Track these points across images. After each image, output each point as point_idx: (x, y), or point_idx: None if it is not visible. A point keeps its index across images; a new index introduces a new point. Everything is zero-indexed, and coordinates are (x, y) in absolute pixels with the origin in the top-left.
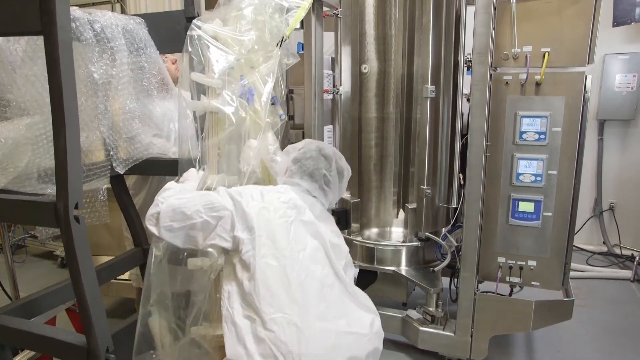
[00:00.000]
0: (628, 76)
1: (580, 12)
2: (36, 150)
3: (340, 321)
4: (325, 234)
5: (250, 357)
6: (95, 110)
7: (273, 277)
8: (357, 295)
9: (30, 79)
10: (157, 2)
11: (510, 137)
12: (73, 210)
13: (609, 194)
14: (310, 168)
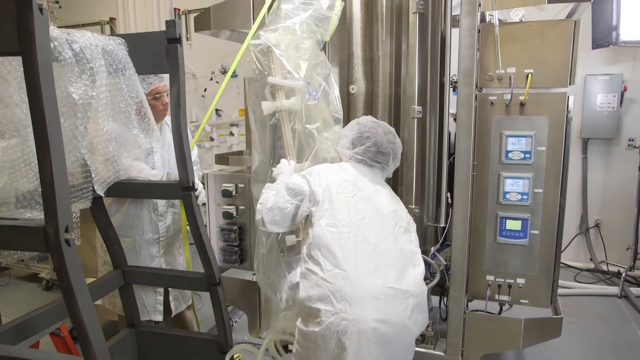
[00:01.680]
0: (609, 96)
1: (560, 35)
2: (13, 174)
3: (388, 278)
4: (384, 205)
5: (310, 298)
6: (75, 132)
7: (333, 241)
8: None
9: (4, 100)
10: (147, 24)
11: (496, 156)
12: (64, 233)
13: (595, 211)
14: (378, 141)
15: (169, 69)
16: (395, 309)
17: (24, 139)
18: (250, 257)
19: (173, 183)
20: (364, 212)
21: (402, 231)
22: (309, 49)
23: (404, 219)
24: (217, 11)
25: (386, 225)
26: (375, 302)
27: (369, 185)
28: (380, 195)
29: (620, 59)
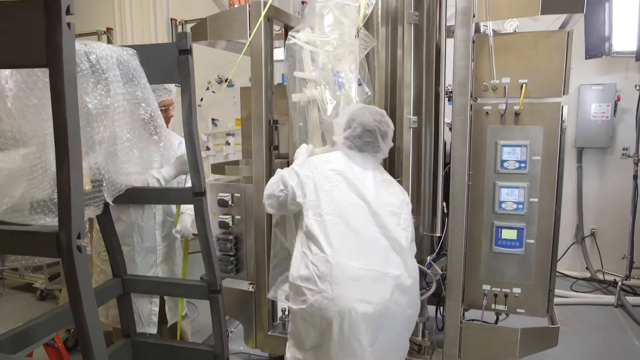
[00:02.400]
0: (602, 106)
1: (553, 46)
2: (31, 181)
3: (369, 261)
4: (369, 190)
5: (299, 277)
6: (90, 140)
7: (318, 229)
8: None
9: (28, 109)
10: (144, 33)
11: (491, 165)
12: (76, 240)
13: (590, 219)
14: (364, 122)
15: (180, 78)
16: (376, 290)
17: (43, 146)
18: (246, 267)
19: (185, 189)
20: (347, 200)
21: (387, 214)
22: (332, 43)
23: (391, 203)
24: (213, 22)
25: (368, 211)
26: (356, 283)
27: (358, 172)
28: (366, 181)
29: (614, 69)
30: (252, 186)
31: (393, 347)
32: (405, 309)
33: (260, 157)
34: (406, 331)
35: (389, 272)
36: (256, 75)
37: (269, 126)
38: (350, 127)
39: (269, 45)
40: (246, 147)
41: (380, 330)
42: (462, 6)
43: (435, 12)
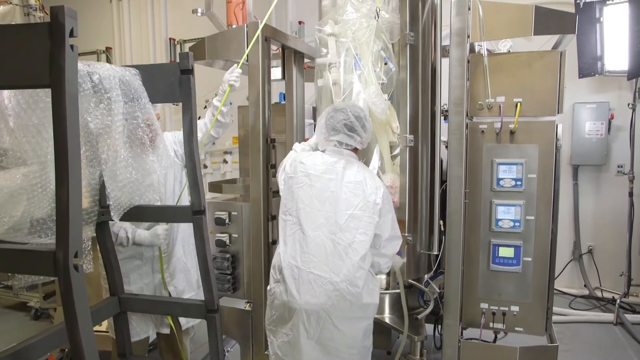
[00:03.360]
0: (596, 124)
1: (547, 65)
2: (31, 200)
3: (310, 264)
4: (332, 193)
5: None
6: (89, 158)
7: (281, 226)
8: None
9: (29, 129)
10: (142, 52)
11: (488, 183)
12: (73, 259)
13: (587, 237)
14: (332, 124)
15: (182, 98)
16: (311, 291)
17: (43, 165)
18: (243, 286)
19: (184, 207)
20: (305, 202)
21: (345, 219)
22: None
23: (354, 206)
24: (211, 42)
25: (323, 215)
26: (294, 281)
27: (327, 173)
28: (331, 183)
29: (607, 87)
30: (250, 204)
31: (337, 352)
32: (345, 314)
33: (257, 176)
34: (350, 340)
35: (329, 277)
36: (254, 94)
37: (267, 144)
38: (323, 128)
39: (266, 65)
40: (243, 165)
41: (321, 329)
42: (456, 27)
43: (431, 32)
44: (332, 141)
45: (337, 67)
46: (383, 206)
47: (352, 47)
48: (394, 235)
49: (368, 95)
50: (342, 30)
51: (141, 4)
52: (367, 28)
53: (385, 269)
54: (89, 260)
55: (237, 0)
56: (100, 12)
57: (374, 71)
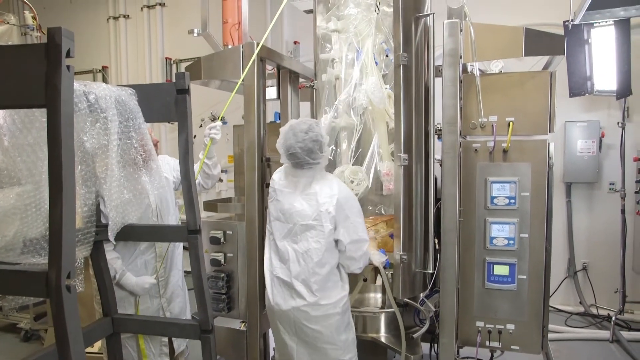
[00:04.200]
0: (588, 142)
1: (538, 85)
2: (24, 220)
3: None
4: (292, 206)
5: None
6: (84, 177)
7: (266, 238)
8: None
9: (24, 148)
10: (139, 71)
11: (482, 202)
12: (65, 279)
13: (581, 254)
14: (286, 145)
15: (178, 117)
16: (281, 293)
17: (38, 184)
18: (238, 305)
19: (180, 226)
20: (273, 215)
21: (301, 229)
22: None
23: (308, 216)
24: (207, 62)
25: (287, 226)
26: (270, 286)
27: (290, 187)
28: (293, 196)
29: (597, 106)
30: (245, 224)
31: (319, 348)
32: (309, 314)
33: (252, 195)
34: (325, 336)
35: (290, 281)
36: (249, 114)
37: (262, 163)
38: (282, 149)
39: (262, 85)
40: (239, 184)
41: (296, 329)
42: (449, 47)
43: (424, 52)
44: (292, 160)
45: (340, 62)
46: (337, 214)
47: (355, 41)
48: (357, 239)
49: (368, 86)
50: (344, 25)
51: (138, 23)
52: (368, 22)
53: (356, 270)
54: (80, 279)
55: (233, 21)
56: (97, 31)
57: (375, 63)
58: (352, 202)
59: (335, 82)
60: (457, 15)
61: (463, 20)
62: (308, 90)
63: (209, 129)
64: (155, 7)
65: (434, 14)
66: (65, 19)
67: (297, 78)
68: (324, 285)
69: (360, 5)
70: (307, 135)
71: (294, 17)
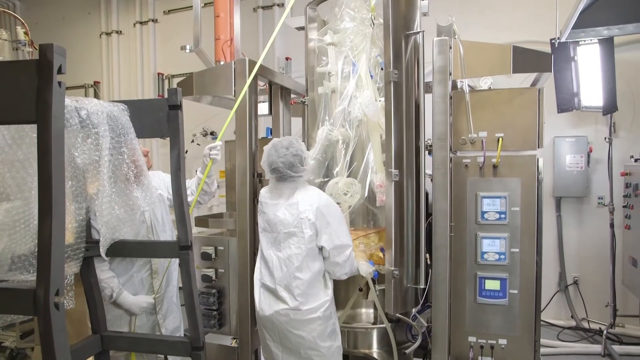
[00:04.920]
0: (576, 157)
1: (526, 102)
2: (13, 236)
3: (265, 277)
4: (276, 216)
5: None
6: (75, 193)
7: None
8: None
9: (14, 164)
10: (130, 86)
11: (472, 217)
12: (54, 297)
13: (572, 268)
14: (269, 161)
15: (170, 133)
16: (266, 299)
17: (27, 200)
18: (229, 322)
19: (171, 242)
20: (261, 226)
21: (284, 237)
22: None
23: (290, 224)
24: (199, 78)
25: (271, 235)
26: (257, 294)
27: (274, 199)
28: (277, 207)
29: (584, 122)
30: (236, 239)
31: (301, 354)
32: (292, 319)
33: (244, 210)
34: (308, 342)
35: (274, 287)
36: (241, 129)
37: (253, 179)
38: (265, 165)
39: (254, 101)
40: (230, 199)
41: (279, 334)
42: (438, 64)
43: (414, 69)
44: (275, 176)
45: (336, 75)
46: (318, 221)
47: (351, 54)
48: (339, 245)
49: (363, 99)
50: (340, 39)
51: (130, 39)
52: (364, 36)
53: (342, 276)
54: (70, 296)
55: (225, 38)
56: (89, 46)
57: (370, 76)
58: (333, 209)
59: (331, 95)
60: (446, 33)
61: (452, 38)
62: (299, 106)
63: (209, 149)
64: (147, 23)
65: (424, 31)
66: (58, 34)
67: (289, 94)
68: (306, 291)
69: (356, 19)
70: (287, 150)
71: (285, 33)
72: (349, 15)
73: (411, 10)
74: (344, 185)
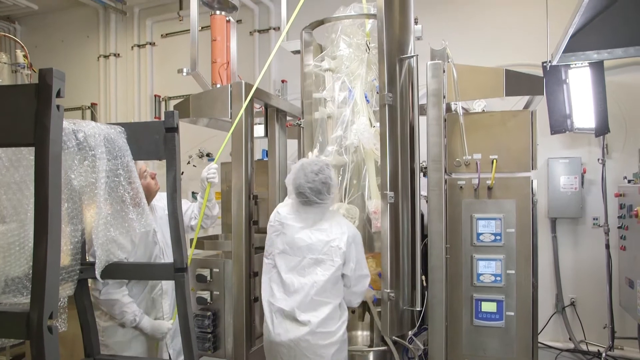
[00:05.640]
0: (570, 178)
1: (519, 124)
2: (7, 258)
3: (281, 302)
4: (301, 240)
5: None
6: (71, 215)
7: (264, 269)
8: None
9: (11, 186)
10: (127, 110)
11: (468, 238)
12: (47, 320)
13: (569, 289)
14: (296, 184)
15: (167, 155)
16: (282, 324)
17: (23, 223)
18: (224, 345)
19: (166, 264)
20: (279, 248)
21: (310, 262)
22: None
23: (318, 250)
24: (196, 101)
25: (294, 259)
26: (270, 317)
27: (298, 221)
28: (302, 231)
29: (577, 143)
30: (232, 261)
31: None
32: (310, 343)
33: (239, 232)
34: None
35: (294, 312)
36: (237, 151)
37: (249, 201)
38: (291, 186)
39: (250, 123)
40: (226, 220)
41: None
42: (432, 88)
43: (408, 92)
44: (303, 197)
45: (332, 101)
46: (348, 250)
47: (347, 80)
48: (362, 274)
49: (358, 126)
50: (337, 65)
51: (128, 61)
52: (360, 61)
53: (355, 304)
54: (63, 319)
55: (222, 61)
56: (87, 68)
57: (366, 102)
58: (359, 240)
59: (327, 121)
60: (439, 56)
61: (446, 61)
62: (295, 128)
63: (207, 172)
64: (145, 46)
65: (418, 55)
66: (56, 56)
67: (285, 116)
68: (325, 317)
69: (352, 45)
70: (317, 176)
71: (281, 56)
72: (345, 41)
73: (405, 34)
74: (345, 212)
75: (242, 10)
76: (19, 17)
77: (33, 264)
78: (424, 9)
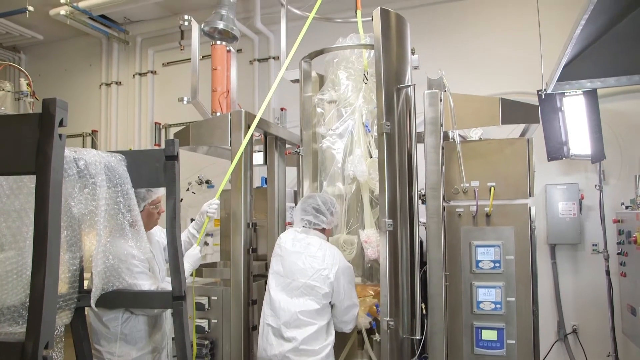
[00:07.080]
0: (568, 204)
1: (516, 152)
2: (4, 287)
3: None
4: (295, 264)
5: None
6: (70, 242)
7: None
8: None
9: (10, 214)
10: (127, 137)
11: (467, 266)
12: (43, 350)
13: (570, 316)
14: (304, 207)
15: (166, 183)
16: (269, 340)
17: (21, 250)
18: None
19: (164, 292)
20: (274, 269)
21: (299, 286)
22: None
23: (308, 276)
24: (196, 129)
25: (285, 280)
26: (262, 335)
27: (296, 247)
28: (298, 256)
29: (574, 170)
30: (230, 289)
31: None
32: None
33: (238, 260)
34: None
35: (280, 328)
36: (236, 179)
37: (248, 228)
38: (298, 210)
39: (249, 151)
40: (224, 247)
41: None
42: (430, 116)
43: (406, 120)
44: (304, 220)
45: (334, 132)
46: (336, 281)
47: (344, 112)
48: (350, 305)
49: (353, 158)
50: (338, 97)
51: (129, 89)
52: (358, 91)
53: (346, 330)
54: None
55: (222, 89)
56: (88, 95)
57: (367, 131)
58: (349, 272)
59: (326, 154)
60: (436, 86)
61: (442, 90)
62: (294, 156)
63: (208, 207)
64: (146, 74)
65: (415, 85)
66: (59, 84)
67: (284, 144)
68: (309, 336)
69: (351, 78)
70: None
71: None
72: (344, 72)
73: (402, 64)
74: (344, 242)
75: (243, 39)
76: (24, 46)
77: (30, 293)
78: (421, 37)
